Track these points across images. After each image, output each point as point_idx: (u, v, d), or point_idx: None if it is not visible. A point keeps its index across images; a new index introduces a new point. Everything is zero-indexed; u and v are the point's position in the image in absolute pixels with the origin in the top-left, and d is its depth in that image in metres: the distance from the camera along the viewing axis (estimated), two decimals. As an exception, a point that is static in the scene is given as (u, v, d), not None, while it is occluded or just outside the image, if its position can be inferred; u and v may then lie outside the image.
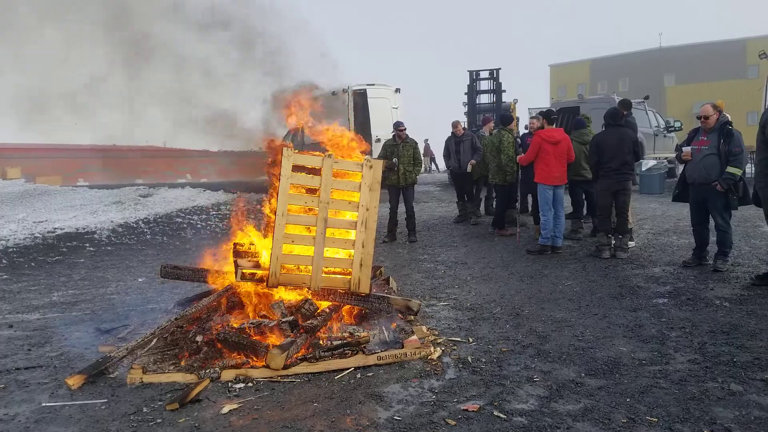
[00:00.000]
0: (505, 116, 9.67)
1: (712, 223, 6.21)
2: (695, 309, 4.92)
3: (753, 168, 5.61)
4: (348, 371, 3.82)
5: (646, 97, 16.91)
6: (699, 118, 6.21)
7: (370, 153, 13.25)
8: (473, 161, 9.81)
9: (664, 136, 16.94)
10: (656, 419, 2.99)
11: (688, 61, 48.13)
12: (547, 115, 7.95)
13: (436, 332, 4.59)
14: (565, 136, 7.71)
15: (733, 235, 6.31)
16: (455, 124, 10.33)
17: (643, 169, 13.83)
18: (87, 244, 9.77)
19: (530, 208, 9.39)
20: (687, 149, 6.23)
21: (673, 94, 47.80)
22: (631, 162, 7.15)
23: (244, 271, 4.45)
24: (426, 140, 27.95)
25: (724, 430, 2.85)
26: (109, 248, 9.67)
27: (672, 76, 49.81)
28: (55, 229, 10.57)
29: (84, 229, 10.71)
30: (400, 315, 4.63)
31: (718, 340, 4.13)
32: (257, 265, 4.61)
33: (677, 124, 17.24)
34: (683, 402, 3.17)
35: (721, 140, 5.94)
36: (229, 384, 3.67)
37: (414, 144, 9.00)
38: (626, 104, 8.36)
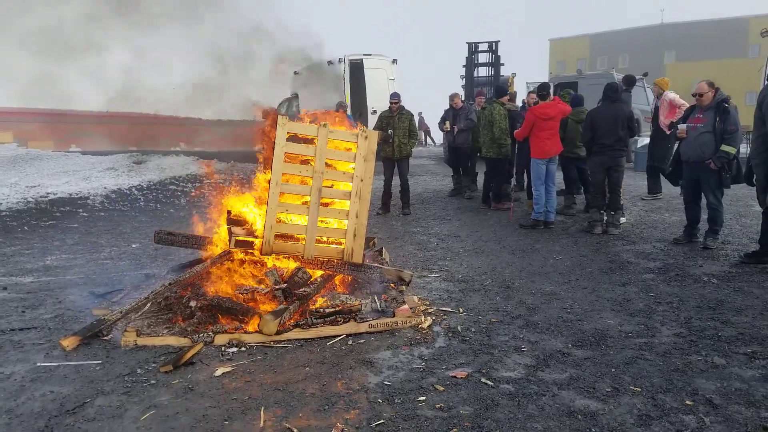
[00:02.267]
0: (499, 88, 9.57)
1: (704, 201, 6.26)
2: (683, 285, 5.00)
3: (748, 147, 5.63)
4: (340, 338, 3.88)
5: (645, 74, 16.78)
6: (694, 95, 6.20)
7: (365, 124, 13.17)
8: (456, 126, 9.76)
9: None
10: (640, 389, 3.07)
11: (689, 38, 47.63)
12: (540, 90, 7.90)
13: (428, 302, 4.65)
14: (559, 110, 7.65)
15: (724, 213, 6.37)
16: (453, 97, 10.25)
17: (638, 146, 13.82)
18: (80, 210, 9.74)
19: (525, 184, 9.40)
20: (682, 127, 6.24)
21: (673, 72, 47.43)
22: (625, 138, 7.16)
23: (237, 238, 4.47)
24: (420, 113, 27.65)
25: (706, 400, 2.93)
26: (103, 214, 9.65)
27: (672, 53, 49.36)
28: (48, 194, 10.51)
29: (77, 194, 10.66)
30: (392, 285, 4.68)
31: (704, 315, 4.22)
32: (251, 233, 4.63)
33: (675, 102, 17.14)
34: (667, 373, 3.25)
35: (717, 118, 5.94)
36: (223, 348, 3.73)
37: (410, 116, 8.93)
38: (630, 80, 8.30)
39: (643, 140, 14.26)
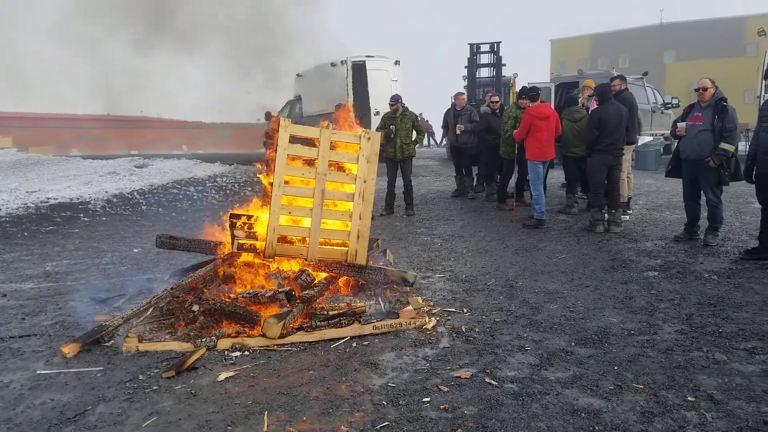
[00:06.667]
0: (523, 89, 9.33)
1: (704, 198, 6.27)
2: (684, 282, 5.01)
3: (746, 145, 5.64)
4: (344, 340, 3.88)
5: (645, 74, 16.80)
6: (697, 90, 6.21)
7: (368, 126, 13.17)
8: (461, 125, 9.81)
9: (662, 113, 16.89)
10: (642, 386, 3.07)
11: (688, 38, 47.67)
12: (530, 92, 7.93)
13: (432, 303, 4.66)
14: (554, 111, 7.77)
15: (724, 210, 6.38)
16: (457, 95, 10.25)
17: (639, 144, 13.82)
18: (81, 215, 9.76)
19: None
20: (682, 125, 6.25)
21: (672, 71, 47.47)
22: (625, 137, 7.21)
23: (240, 241, 4.48)
24: (421, 114, 27.66)
25: (707, 396, 2.93)
26: (104, 219, 9.66)
27: (672, 52, 49.40)
28: (49, 199, 10.53)
29: (78, 199, 10.68)
30: (396, 287, 4.69)
31: (705, 312, 4.22)
32: (254, 236, 4.64)
33: (674, 101, 17.17)
34: (669, 370, 3.26)
35: (716, 116, 5.95)
36: (226, 352, 3.73)
37: (413, 116, 8.95)
38: (622, 79, 8.31)
39: (644, 139, 14.28)
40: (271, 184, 4.49)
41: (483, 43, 16.88)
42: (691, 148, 6.13)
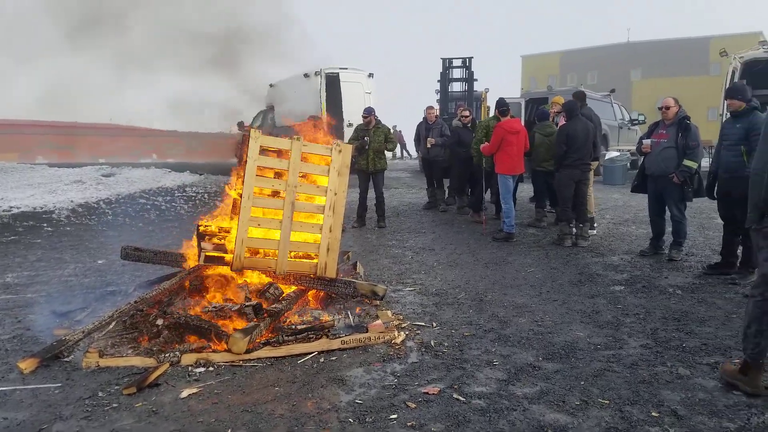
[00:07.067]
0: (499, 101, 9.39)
1: (668, 214, 6.43)
2: (649, 296, 5.11)
3: (710, 161, 5.81)
4: (311, 355, 3.82)
5: (612, 91, 17.26)
6: (660, 108, 6.40)
7: (341, 137, 13.16)
8: (432, 139, 9.91)
9: (629, 129, 17.35)
10: (608, 401, 3.10)
11: (654, 56, 49.23)
12: (500, 106, 8.06)
13: (401, 317, 4.63)
14: (523, 127, 7.93)
15: (688, 225, 6.56)
16: (428, 109, 10.34)
17: (607, 159, 14.16)
18: (45, 224, 9.45)
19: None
20: (647, 142, 6.42)
21: (639, 88, 48.92)
22: (592, 153, 7.38)
23: (207, 253, 4.39)
24: (395, 126, 27.81)
25: (671, 411, 2.98)
26: (68, 229, 9.38)
27: (639, 70, 50.94)
28: (11, 207, 10.18)
29: (42, 208, 10.35)
30: (366, 300, 4.66)
31: (669, 326, 4.31)
32: (222, 248, 4.56)
33: (641, 118, 17.68)
34: (634, 385, 3.30)
35: (679, 134, 6.13)
36: (190, 368, 3.63)
37: (386, 130, 8.98)
38: (580, 95, 8.49)
39: (611, 154, 14.64)
40: (241, 196, 4.42)
41: (455, 58, 17.12)
42: (656, 165, 6.30)
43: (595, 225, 8.18)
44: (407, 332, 4.26)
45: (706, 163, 8.45)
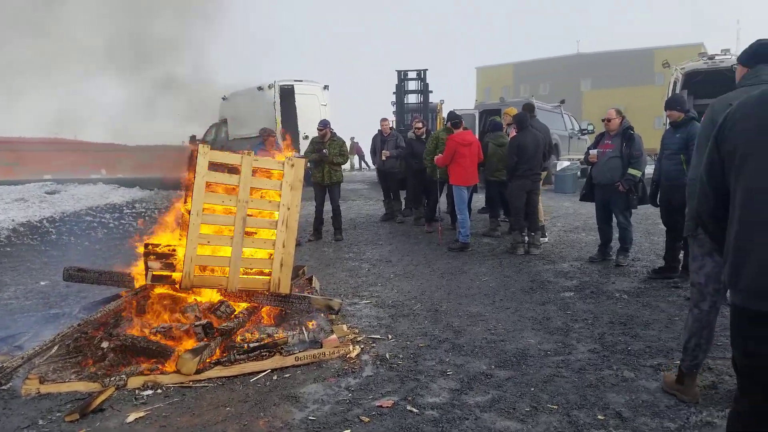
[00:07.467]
0: (450, 114, 9.56)
1: (615, 221, 6.67)
2: (597, 302, 5.27)
3: (654, 169, 6.06)
4: (264, 373, 3.76)
5: (562, 101, 17.83)
6: (603, 120, 6.66)
7: (297, 150, 13.07)
8: (387, 151, 9.98)
9: (579, 138, 17.94)
10: (556, 406, 3.18)
11: (603, 67, 51.19)
12: (452, 119, 8.22)
13: (357, 330, 4.62)
14: (475, 138, 8.07)
15: (633, 232, 6.81)
16: (381, 122, 10.42)
17: (558, 169, 14.58)
18: (-17, 245, 8.97)
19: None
20: (593, 152, 6.66)
21: (588, 98, 50.71)
22: (542, 163, 7.60)
23: (154, 273, 4.27)
24: (352, 138, 27.86)
25: (616, 414, 3.07)
26: (9, 249, 8.93)
27: (588, 81, 52.83)
28: (-54, 228, 9.62)
29: (-20, 228, 9.82)
30: (321, 314, 4.62)
31: (615, 331, 4.45)
32: (170, 267, 4.43)
33: (590, 127, 18.31)
34: (581, 389, 3.39)
35: (624, 144, 6.40)
36: (137, 391, 3.51)
37: (341, 142, 8.98)
38: (529, 107, 8.75)
39: (563, 164, 15.10)
40: (189, 212, 4.33)
41: (410, 70, 17.32)
42: (602, 174, 6.54)
43: (547, 233, 8.40)
44: (362, 346, 4.26)
45: (650, 170, 8.82)
